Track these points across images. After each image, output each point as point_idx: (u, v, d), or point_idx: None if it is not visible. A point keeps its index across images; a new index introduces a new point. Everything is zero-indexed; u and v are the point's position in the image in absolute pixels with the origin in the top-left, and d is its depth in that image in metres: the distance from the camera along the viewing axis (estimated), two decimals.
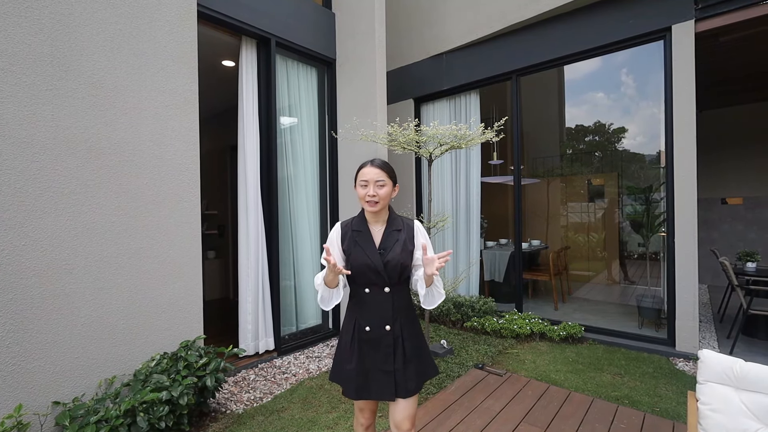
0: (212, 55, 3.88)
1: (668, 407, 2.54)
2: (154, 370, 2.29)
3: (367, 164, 1.51)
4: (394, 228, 1.53)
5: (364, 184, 1.49)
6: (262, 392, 2.88)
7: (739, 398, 1.41)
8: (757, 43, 3.79)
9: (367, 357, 1.49)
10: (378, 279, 1.47)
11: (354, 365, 1.49)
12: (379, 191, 1.47)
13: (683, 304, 3.37)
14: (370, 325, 1.49)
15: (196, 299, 2.72)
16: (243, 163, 3.39)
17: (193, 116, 2.72)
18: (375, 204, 1.47)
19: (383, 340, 1.48)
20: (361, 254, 1.47)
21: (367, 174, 1.49)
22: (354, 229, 1.53)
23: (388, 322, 1.48)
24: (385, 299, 1.48)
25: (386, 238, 1.50)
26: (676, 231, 3.40)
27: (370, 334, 1.49)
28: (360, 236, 1.50)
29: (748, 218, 6.03)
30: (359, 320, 1.51)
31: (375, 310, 1.49)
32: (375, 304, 1.49)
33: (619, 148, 6.37)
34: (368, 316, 1.49)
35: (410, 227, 1.56)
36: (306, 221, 3.89)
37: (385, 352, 1.48)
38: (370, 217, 1.54)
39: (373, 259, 1.45)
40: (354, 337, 1.51)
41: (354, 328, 1.52)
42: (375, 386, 1.49)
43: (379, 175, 1.48)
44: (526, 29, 4.19)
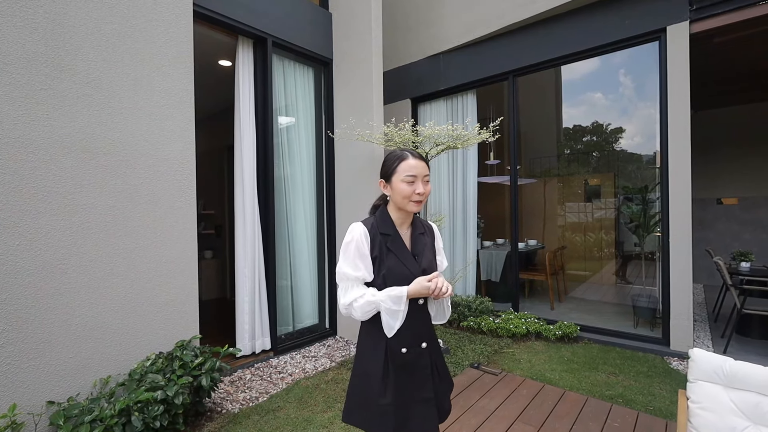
0: (208, 55, 3.88)
1: (662, 406, 2.55)
2: (149, 369, 2.29)
3: (408, 156, 1.27)
4: (420, 231, 1.36)
5: (410, 179, 1.24)
6: (258, 392, 2.89)
7: (728, 396, 1.42)
8: (751, 44, 3.81)
9: (405, 386, 1.26)
10: None
11: (391, 398, 1.23)
12: (426, 188, 1.27)
13: (678, 303, 3.39)
14: (407, 345, 1.26)
15: (191, 299, 2.72)
16: (240, 162, 3.40)
17: (189, 116, 2.72)
18: (420, 204, 1.27)
19: (420, 362, 1.28)
20: (397, 262, 1.25)
21: (415, 167, 1.25)
22: (382, 233, 1.29)
23: (424, 339, 1.29)
24: (420, 312, 1.29)
25: (416, 242, 1.33)
26: (671, 231, 3.42)
27: (407, 357, 1.26)
28: (391, 241, 1.28)
29: (743, 218, 6.06)
30: (391, 342, 1.25)
31: (411, 327, 1.26)
32: (410, 319, 1.25)
33: (616, 149, 6.40)
34: (405, 334, 1.25)
35: (431, 230, 1.41)
36: (303, 221, 3.89)
37: (423, 374, 1.28)
38: (399, 218, 1.32)
39: (411, 268, 1.25)
40: (387, 364, 1.25)
41: (385, 352, 1.25)
42: (416, 420, 1.25)
43: (425, 169, 1.27)
44: (523, 30, 4.21)
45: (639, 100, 5.43)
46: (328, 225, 4.06)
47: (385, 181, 1.31)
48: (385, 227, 1.29)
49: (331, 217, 4.05)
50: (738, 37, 3.52)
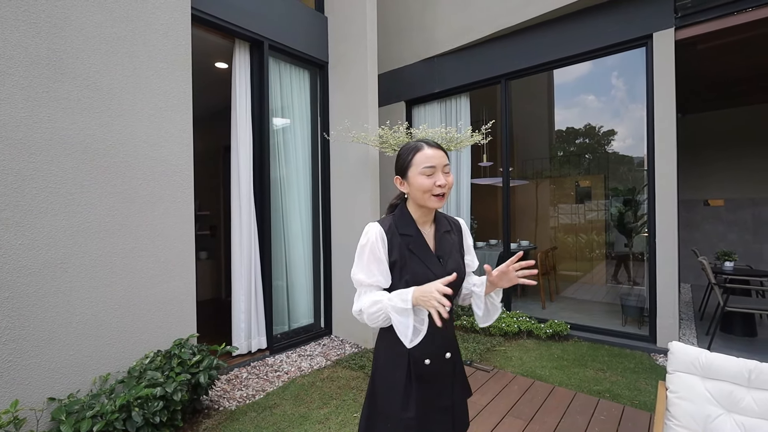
0: (205, 57, 3.92)
1: (647, 400, 2.64)
2: (148, 367, 2.33)
3: (423, 146, 1.14)
4: (444, 229, 1.22)
5: (429, 171, 1.11)
6: (254, 389, 2.93)
7: (704, 386, 1.51)
8: (734, 50, 3.94)
9: (425, 398, 1.16)
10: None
11: (414, 412, 1.13)
12: (448, 179, 1.13)
13: (664, 302, 3.49)
14: (430, 356, 1.15)
15: (189, 298, 2.77)
16: (236, 163, 3.45)
17: (187, 118, 2.77)
18: (443, 197, 1.13)
19: (442, 372, 1.18)
20: (420, 266, 1.12)
21: (434, 157, 1.12)
22: (402, 233, 1.15)
23: (448, 349, 1.19)
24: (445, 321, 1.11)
25: (440, 242, 1.19)
26: (657, 232, 3.53)
27: (431, 368, 1.15)
28: (413, 242, 1.15)
29: (728, 219, 6.22)
30: (414, 353, 1.14)
31: (435, 336, 1.14)
32: (435, 328, 1.10)
33: (608, 151, 6.51)
34: (428, 345, 1.13)
35: (458, 226, 1.27)
36: (298, 221, 3.94)
37: (442, 384, 1.18)
38: (420, 216, 1.19)
39: (435, 271, 1.12)
40: (411, 375, 1.15)
41: (408, 363, 1.15)
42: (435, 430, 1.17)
43: (445, 158, 1.14)
44: (515, 34, 4.30)
45: (630, 103, 5.56)
46: (323, 225, 4.12)
47: (401, 177, 1.18)
48: (405, 227, 1.16)
49: (326, 218, 4.11)
50: (720, 44, 3.64)
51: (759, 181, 5.95)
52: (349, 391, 2.85)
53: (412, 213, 1.19)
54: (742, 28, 3.31)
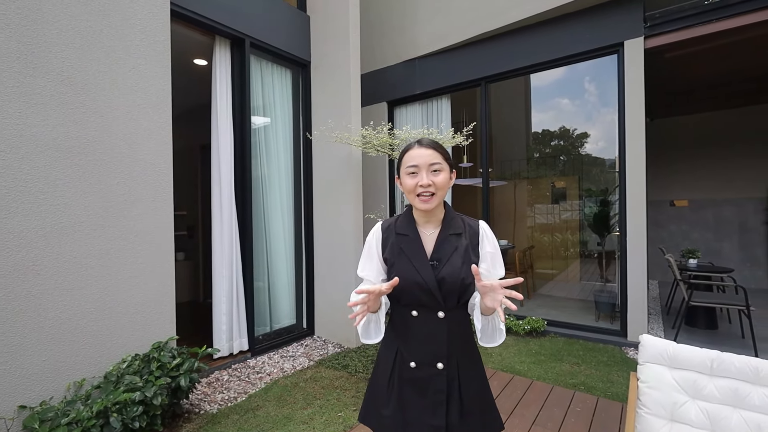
0: (183, 54, 3.83)
1: (619, 391, 2.77)
2: (125, 371, 2.27)
3: (414, 145, 1.12)
4: (452, 231, 1.13)
5: (412, 171, 1.09)
6: (236, 392, 2.90)
7: (671, 375, 1.60)
8: (699, 59, 4.17)
9: (410, 404, 1.11)
10: (430, 300, 1.09)
11: (391, 411, 1.12)
12: (435, 179, 1.08)
13: (634, 298, 3.67)
14: (417, 360, 1.11)
15: (168, 300, 2.70)
16: (217, 162, 3.39)
17: (166, 115, 2.71)
18: (430, 198, 1.08)
19: (433, 383, 1.10)
20: (407, 267, 1.09)
21: (417, 157, 1.09)
22: (399, 233, 1.15)
23: (440, 359, 1.10)
24: (438, 327, 1.10)
25: (441, 245, 1.12)
26: (628, 231, 3.70)
27: (417, 373, 1.11)
28: (406, 242, 1.12)
29: (692, 219, 6.57)
30: (402, 351, 1.14)
31: (425, 341, 1.10)
32: (425, 332, 1.10)
33: (582, 153, 6.75)
34: (415, 347, 1.11)
35: (474, 231, 1.15)
36: (280, 221, 3.91)
37: (435, 399, 1.09)
38: (421, 216, 1.15)
39: (423, 275, 1.07)
40: (393, 375, 1.14)
41: (394, 360, 1.15)
42: None
43: (433, 157, 1.09)
44: (495, 39, 4.41)
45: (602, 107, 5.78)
46: (305, 225, 4.10)
47: (398, 177, 1.17)
48: (404, 227, 1.15)
49: (309, 218, 4.09)
50: (686, 52, 3.85)
51: (719, 183, 6.32)
52: (332, 391, 2.86)
53: (414, 213, 1.17)
54: (705, 38, 3.52)
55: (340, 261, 3.83)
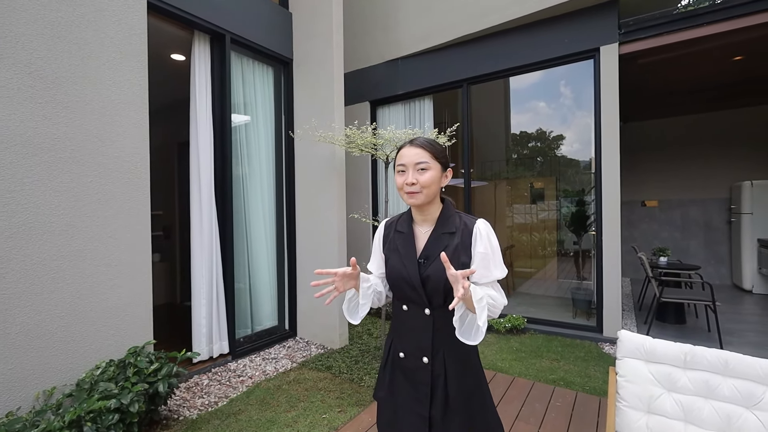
0: (160, 48, 3.71)
1: (596, 386, 2.87)
2: (99, 378, 2.17)
3: (406, 145, 1.16)
4: (445, 230, 1.15)
5: (401, 169, 1.14)
6: (216, 396, 2.83)
7: (647, 369, 1.67)
8: (669, 66, 4.36)
9: (401, 389, 1.19)
10: (416, 297, 1.13)
11: (384, 394, 1.24)
12: (420, 177, 1.11)
13: (609, 295, 3.80)
14: (405, 351, 1.18)
15: (145, 303, 2.61)
16: (196, 160, 3.29)
17: (143, 112, 2.61)
18: (415, 195, 1.12)
19: (419, 375, 1.15)
20: (397, 262, 1.15)
21: (405, 156, 1.14)
22: (397, 230, 1.21)
23: (425, 354, 1.14)
24: (425, 324, 1.14)
25: (432, 243, 1.14)
26: (604, 230, 3.82)
27: (405, 362, 1.18)
28: (401, 239, 1.17)
29: (661, 219, 6.86)
30: (395, 341, 1.23)
31: (411, 335, 1.17)
32: (412, 326, 1.16)
33: (558, 154, 6.93)
34: (404, 339, 1.19)
35: (468, 230, 1.14)
36: (261, 221, 3.84)
37: (420, 390, 1.15)
38: (417, 214, 1.19)
39: (409, 270, 1.12)
40: (388, 361, 1.25)
41: (390, 348, 1.25)
42: (404, 426, 1.17)
43: (420, 156, 1.11)
44: (477, 41, 4.47)
45: (577, 110, 5.97)
46: (287, 225, 4.04)
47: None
48: (402, 225, 1.21)
49: (291, 218, 4.04)
50: (658, 59, 4.02)
51: (686, 184, 6.63)
52: (316, 393, 2.83)
53: (413, 212, 1.22)
54: (674, 46, 3.69)
55: (324, 261, 3.79)
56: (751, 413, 1.45)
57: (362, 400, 2.70)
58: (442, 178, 1.17)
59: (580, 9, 3.88)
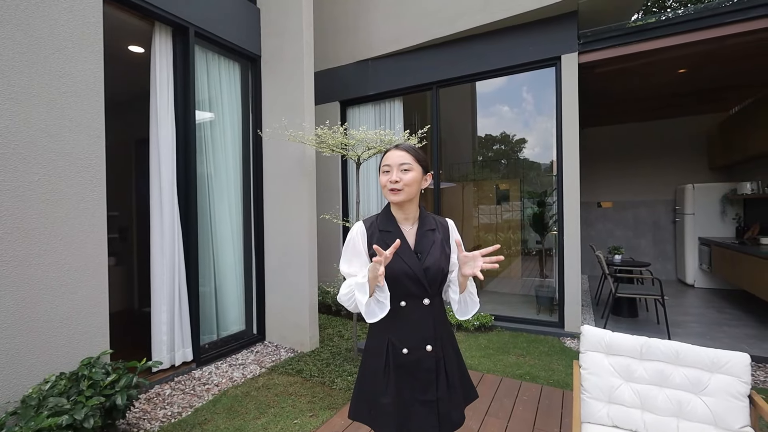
0: (115, 39, 3.48)
1: (559, 379, 3.00)
2: (49, 393, 2.00)
3: (392, 149, 1.29)
4: (428, 227, 1.30)
5: (386, 169, 1.26)
6: (180, 406, 2.69)
7: (608, 361, 1.77)
8: (623, 76, 4.65)
9: (406, 386, 1.24)
10: (417, 289, 1.23)
11: (391, 398, 1.22)
12: (403, 176, 1.23)
13: (570, 291, 3.99)
14: (408, 346, 1.24)
15: (100, 310, 2.44)
16: (156, 158, 3.12)
17: (98, 105, 2.45)
18: (398, 192, 1.23)
19: (423, 364, 1.24)
20: (396, 259, 1.21)
21: (390, 157, 1.26)
22: (381, 229, 1.28)
23: (429, 342, 1.24)
24: (425, 313, 1.25)
25: (420, 239, 1.27)
26: (565, 230, 4.01)
27: (409, 357, 1.24)
28: (391, 237, 1.24)
29: (616, 218, 7.31)
30: (393, 341, 1.25)
31: (414, 328, 1.24)
32: (414, 319, 1.24)
33: (521, 157, 7.20)
34: (405, 334, 1.24)
35: (445, 226, 1.35)
36: (228, 222, 3.70)
37: (426, 378, 1.24)
38: (398, 213, 1.30)
39: (411, 265, 1.21)
40: (389, 363, 1.25)
41: (387, 350, 1.25)
42: (415, 421, 1.22)
43: (404, 158, 1.24)
44: (446, 45, 4.56)
45: (538, 115, 6.24)
46: (255, 226, 3.92)
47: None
48: (386, 224, 1.29)
49: (259, 218, 3.92)
50: (613, 69, 4.28)
51: (637, 186, 7.11)
52: (287, 398, 2.77)
53: (393, 212, 1.31)
54: (627, 57, 3.94)
55: (294, 262, 3.72)
56: (699, 399, 1.58)
57: (334, 404, 2.67)
58: (423, 181, 1.30)
59: (543, 18, 4.06)
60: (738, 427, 1.48)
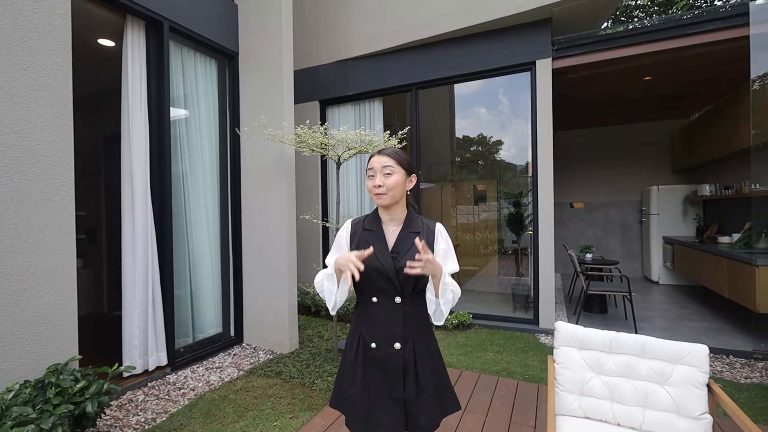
0: (84, 32, 3.34)
1: (534, 374, 3.10)
2: (12, 402, 1.90)
3: (376, 154, 1.33)
4: (411, 230, 1.32)
5: (371, 174, 1.30)
6: (154, 413, 2.62)
7: (580, 356, 1.85)
8: (594, 81, 4.85)
9: (374, 380, 1.28)
10: (388, 287, 1.26)
11: (358, 389, 1.28)
12: (386, 180, 1.27)
13: (544, 289, 4.12)
14: (377, 341, 1.27)
15: (69, 315, 2.34)
16: (128, 156, 3.02)
17: (66, 100, 2.34)
18: (382, 196, 1.27)
19: (391, 361, 1.27)
20: (371, 256, 1.24)
21: (374, 162, 1.30)
22: (365, 228, 1.34)
23: (397, 340, 1.27)
24: (395, 311, 1.27)
25: (401, 240, 1.30)
26: (540, 230, 4.14)
27: (377, 352, 1.27)
28: (371, 236, 1.31)
29: (587, 219, 7.59)
30: (364, 334, 1.30)
31: (383, 324, 1.27)
32: (383, 316, 1.28)
33: (497, 159, 7.37)
34: (375, 330, 1.28)
35: (431, 230, 1.35)
36: (204, 223, 3.62)
37: (394, 375, 1.26)
38: (384, 214, 1.35)
39: (384, 263, 1.25)
40: (358, 356, 1.30)
41: (358, 343, 1.31)
42: (383, 416, 1.25)
43: (386, 162, 1.28)
44: (426, 47, 4.61)
45: (514, 117, 6.40)
46: (233, 226, 3.85)
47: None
48: (370, 224, 1.35)
49: (237, 218, 3.85)
50: (584, 75, 4.46)
51: (606, 188, 7.41)
52: (266, 400, 2.74)
53: (380, 213, 1.37)
54: (597, 64, 4.11)
55: (273, 263, 3.67)
56: (663, 389, 1.67)
57: (315, 405, 2.66)
58: (408, 182, 1.34)
59: (519, 24, 4.18)
60: (697, 414, 1.58)
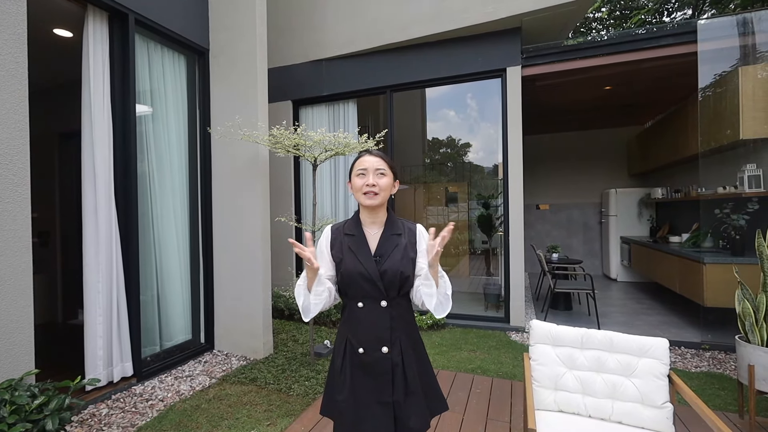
0: (38, 20, 3.11)
1: (507, 370, 3.21)
2: None
3: (365, 154, 1.33)
4: (393, 232, 1.32)
5: (361, 173, 1.29)
6: (120, 426, 2.48)
7: (554, 352, 1.94)
8: (560, 90, 5.08)
9: (362, 386, 1.27)
10: (373, 291, 1.25)
11: (345, 395, 1.27)
12: (379, 181, 1.28)
13: (515, 288, 4.27)
14: (364, 346, 1.26)
15: (24, 325, 2.17)
16: (90, 155, 2.84)
17: (20, 94, 2.18)
18: (374, 196, 1.28)
19: (379, 366, 1.26)
20: (353, 261, 1.27)
21: (366, 162, 1.30)
22: (346, 233, 1.33)
23: (385, 344, 1.26)
24: (381, 315, 1.26)
25: (384, 242, 1.30)
26: (510, 231, 4.29)
27: (364, 357, 1.27)
28: (353, 240, 1.30)
29: (552, 220, 7.94)
30: (351, 340, 1.29)
31: (369, 328, 1.27)
32: (369, 320, 1.26)
33: (465, 161, 7.55)
34: (362, 335, 1.27)
35: (412, 231, 1.35)
36: (173, 225, 3.47)
37: (382, 380, 1.26)
38: (366, 217, 1.34)
39: (367, 267, 1.25)
40: (345, 362, 1.29)
41: (345, 349, 1.30)
42: (371, 422, 1.24)
43: (379, 163, 1.30)
44: (401, 50, 4.65)
45: (482, 121, 6.59)
46: (203, 229, 3.71)
47: (350, 181, 1.36)
48: (351, 228, 1.34)
49: (208, 220, 3.72)
50: (551, 83, 4.66)
51: (569, 190, 7.79)
52: (241, 408, 2.66)
53: (362, 216, 1.36)
54: (562, 73, 4.32)
55: (246, 267, 3.57)
56: (629, 381, 1.79)
57: (292, 410, 2.62)
58: (392, 187, 1.36)
59: (490, 32, 4.31)
60: (660, 403, 1.70)
